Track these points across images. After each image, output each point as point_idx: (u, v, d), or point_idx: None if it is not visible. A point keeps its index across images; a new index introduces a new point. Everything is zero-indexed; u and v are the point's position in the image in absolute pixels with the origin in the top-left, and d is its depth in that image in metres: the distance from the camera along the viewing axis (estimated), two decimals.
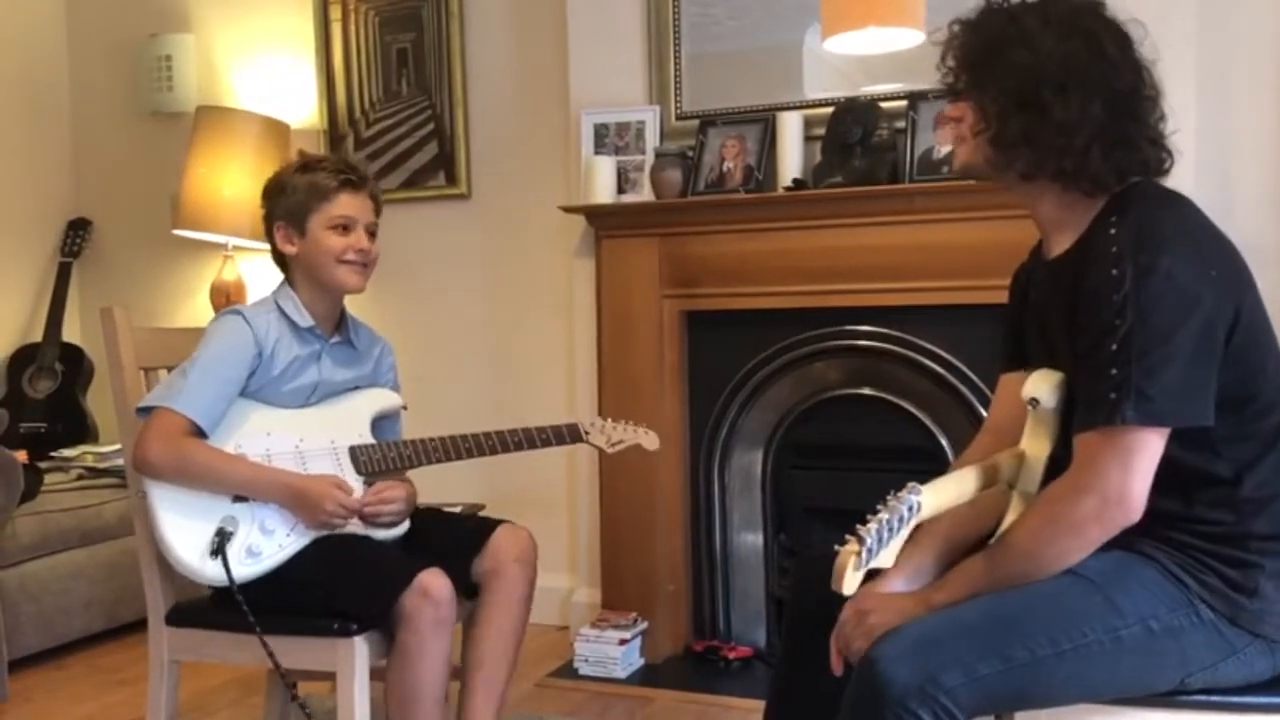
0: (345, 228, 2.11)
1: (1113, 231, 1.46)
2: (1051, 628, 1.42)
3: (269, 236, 2.16)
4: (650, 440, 2.25)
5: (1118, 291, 1.40)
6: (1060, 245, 1.58)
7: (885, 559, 1.31)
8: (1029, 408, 1.55)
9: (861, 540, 1.26)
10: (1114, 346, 1.40)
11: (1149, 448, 1.41)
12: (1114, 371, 1.40)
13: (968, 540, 1.61)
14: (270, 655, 1.93)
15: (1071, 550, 1.44)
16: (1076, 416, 1.48)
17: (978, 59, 1.55)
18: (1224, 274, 1.45)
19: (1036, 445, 1.56)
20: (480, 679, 2.07)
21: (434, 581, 1.89)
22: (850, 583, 1.27)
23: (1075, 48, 1.48)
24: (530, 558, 2.11)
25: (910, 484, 1.40)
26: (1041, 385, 1.54)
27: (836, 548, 1.28)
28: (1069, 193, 1.54)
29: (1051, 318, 1.58)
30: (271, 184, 2.16)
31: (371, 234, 2.15)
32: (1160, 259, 1.40)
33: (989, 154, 1.56)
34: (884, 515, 1.32)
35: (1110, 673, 1.43)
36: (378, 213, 2.19)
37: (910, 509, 1.35)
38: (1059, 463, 1.52)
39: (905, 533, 1.35)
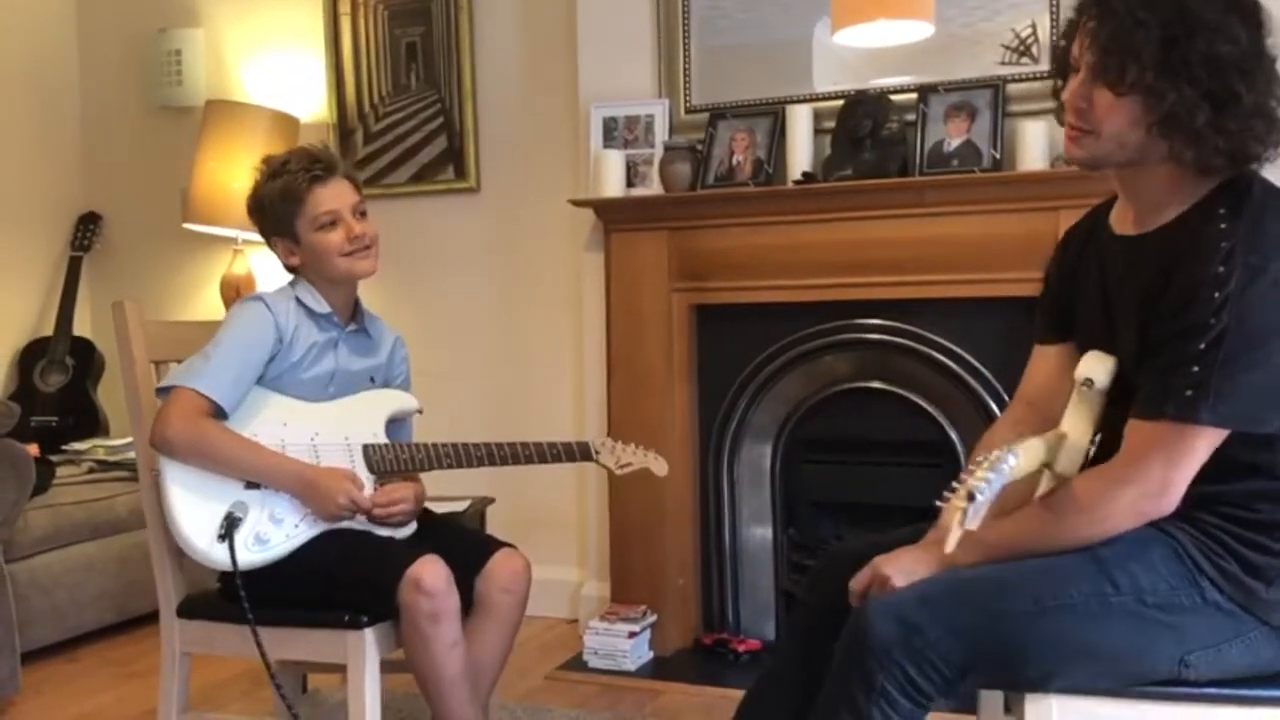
0: (332, 222, 2.09)
1: (1223, 226, 1.42)
2: (1038, 586, 1.44)
3: (274, 252, 2.17)
4: (659, 466, 2.25)
5: (1221, 289, 1.37)
6: (1151, 222, 1.52)
7: (976, 522, 1.27)
8: (1082, 388, 1.53)
9: (971, 496, 1.21)
10: (1202, 345, 1.38)
11: (1206, 447, 1.42)
12: (1195, 369, 1.38)
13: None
14: (260, 649, 1.93)
15: (1097, 536, 1.46)
16: (1138, 401, 1.46)
17: (1157, 45, 1.42)
18: None
19: (1079, 426, 1.54)
20: None
21: (425, 572, 1.89)
22: (954, 540, 1.24)
23: (1252, 30, 1.43)
24: (520, 587, 2.10)
25: (1006, 445, 1.36)
26: (1098, 366, 1.52)
27: (939, 503, 1.24)
28: (1190, 175, 1.47)
29: (1125, 294, 1.54)
30: (251, 201, 2.15)
31: (362, 213, 2.13)
32: (1272, 263, 1.37)
33: (1156, 146, 1.46)
34: (987, 471, 1.27)
35: (1097, 635, 1.43)
36: (358, 191, 2.16)
37: (1009, 470, 1.31)
38: (1104, 445, 1.53)
39: (996, 496, 1.31)
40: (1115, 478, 1.46)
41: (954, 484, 1.28)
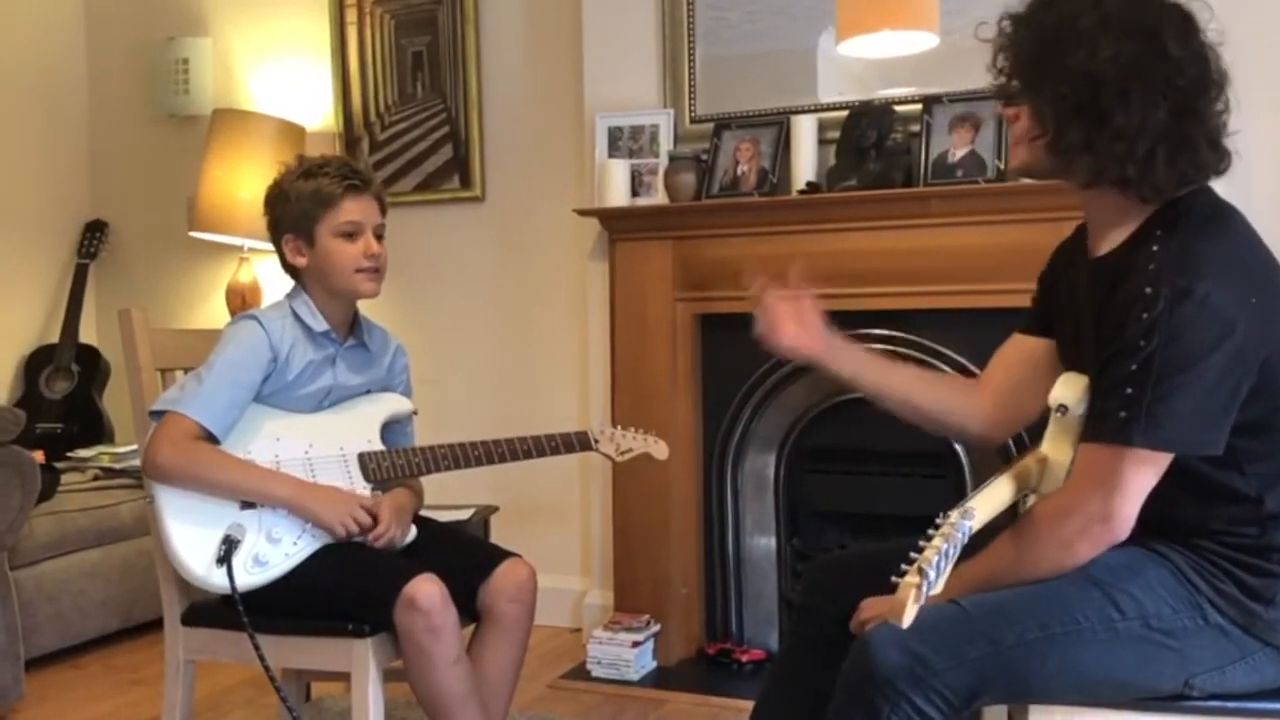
0: (354, 233, 2.07)
1: (1155, 248, 1.41)
2: (1042, 613, 1.42)
3: (277, 248, 2.14)
4: (659, 449, 2.25)
5: (1149, 311, 1.37)
6: (1106, 246, 1.53)
7: (939, 586, 1.28)
8: (1056, 414, 1.52)
9: (923, 573, 1.22)
10: (1134, 366, 1.37)
11: (1147, 472, 1.40)
12: (1129, 391, 1.38)
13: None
14: (263, 661, 1.92)
15: (1063, 565, 1.45)
16: (1085, 424, 1.47)
17: (1032, 61, 1.47)
18: (1265, 301, 1.41)
19: (1059, 450, 1.53)
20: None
21: (419, 591, 1.87)
22: (909, 616, 1.23)
23: (1136, 48, 1.41)
24: (526, 597, 2.08)
25: (963, 507, 1.35)
26: (1070, 392, 1.51)
27: (895, 579, 1.23)
28: (1126, 197, 1.48)
29: (1084, 316, 1.55)
30: (273, 192, 2.12)
31: (379, 236, 2.12)
32: (1198, 284, 1.36)
33: (1048, 160, 1.50)
34: (940, 543, 1.27)
35: (1105, 663, 1.43)
36: (383, 213, 2.15)
37: (965, 534, 1.31)
38: None
39: (955, 557, 1.31)
40: (1063, 504, 1.45)
41: (911, 553, 1.26)
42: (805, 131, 3.01)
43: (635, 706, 2.83)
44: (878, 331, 2.96)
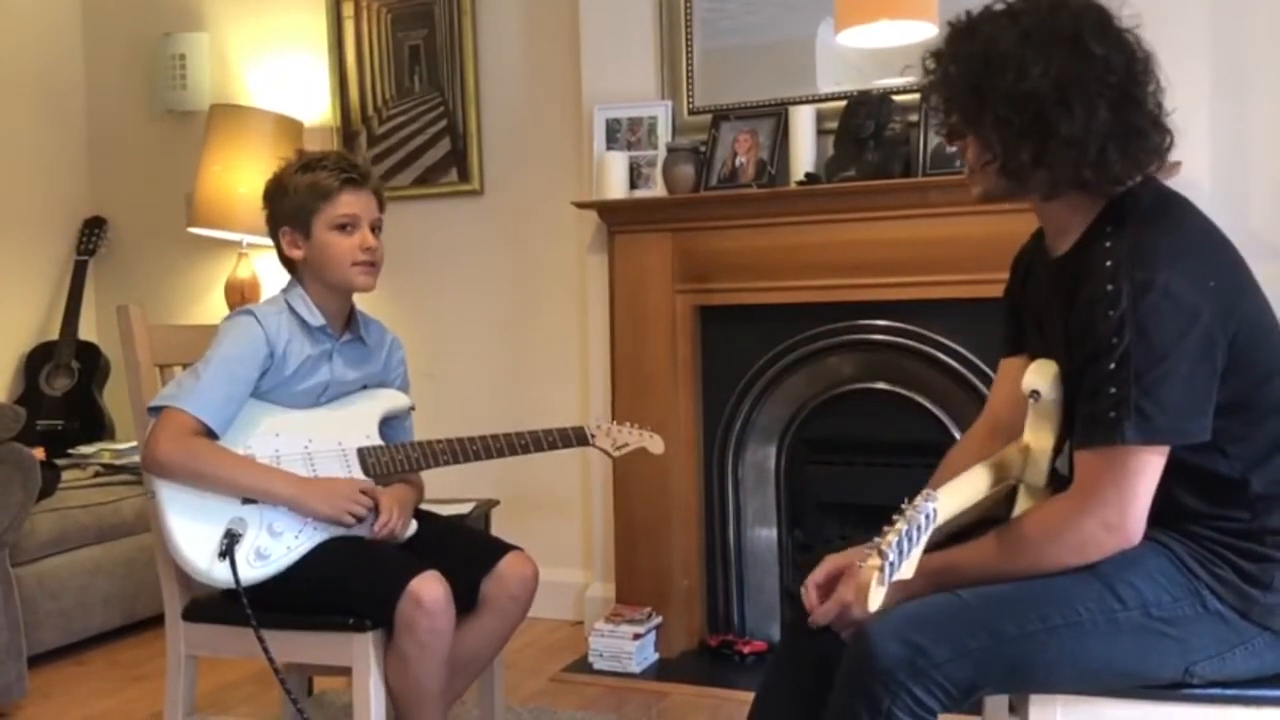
0: (350, 227, 2.07)
1: (1108, 244, 1.44)
2: (1043, 605, 1.42)
3: (274, 241, 2.14)
4: (655, 444, 2.25)
5: (1114, 308, 1.38)
6: (1062, 246, 1.56)
7: (906, 570, 1.29)
8: (1030, 400, 1.54)
9: (883, 554, 1.23)
10: (1112, 365, 1.38)
11: (1149, 468, 1.41)
12: (1113, 390, 1.39)
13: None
14: (267, 655, 1.93)
15: (1050, 569, 1.45)
16: (1075, 432, 1.48)
17: (966, 92, 1.48)
18: (1223, 283, 1.43)
19: (1040, 438, 1.55)
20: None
21: (426, 591, 1.87)
22: (875, 599, 1.24)
23: (1062, 58, 1.42)
24: (527, 593, 2.09)
25: (925, 491, 1.37)
26: (1041, 378, 1.53)
27: (859, 564, 1.25)
28: (1089, 197, 1.50)
29: (1050, 317, 1.57)
30: (271, 186, 2.13)
31: (376, 230, 2.12)
32: (1157, 275, 1.38)
33: (1003, 182, 1.51)
34: (901, 526, 1.29)
35: (1106, 652, 1.43)
36: (381, 208, 2.15)
37: (928, 517, 1.32)
38: (1062, 454, 1.53)
39: (924, 541, 1.33)
40: (1072, 509, 1.45)
41: (875, 538, 1.27)
42: (803, 122, 3.01)
43: (637, 698, 2.84)
44: (878, 322, 2.96)
